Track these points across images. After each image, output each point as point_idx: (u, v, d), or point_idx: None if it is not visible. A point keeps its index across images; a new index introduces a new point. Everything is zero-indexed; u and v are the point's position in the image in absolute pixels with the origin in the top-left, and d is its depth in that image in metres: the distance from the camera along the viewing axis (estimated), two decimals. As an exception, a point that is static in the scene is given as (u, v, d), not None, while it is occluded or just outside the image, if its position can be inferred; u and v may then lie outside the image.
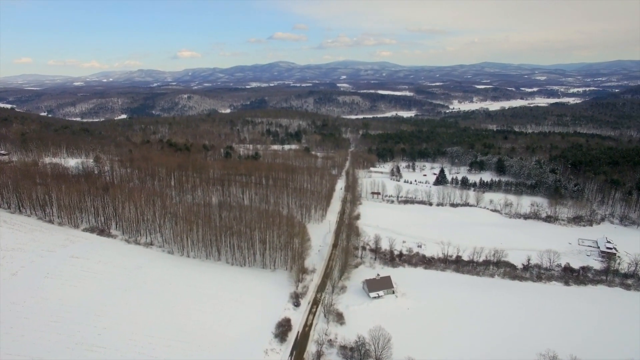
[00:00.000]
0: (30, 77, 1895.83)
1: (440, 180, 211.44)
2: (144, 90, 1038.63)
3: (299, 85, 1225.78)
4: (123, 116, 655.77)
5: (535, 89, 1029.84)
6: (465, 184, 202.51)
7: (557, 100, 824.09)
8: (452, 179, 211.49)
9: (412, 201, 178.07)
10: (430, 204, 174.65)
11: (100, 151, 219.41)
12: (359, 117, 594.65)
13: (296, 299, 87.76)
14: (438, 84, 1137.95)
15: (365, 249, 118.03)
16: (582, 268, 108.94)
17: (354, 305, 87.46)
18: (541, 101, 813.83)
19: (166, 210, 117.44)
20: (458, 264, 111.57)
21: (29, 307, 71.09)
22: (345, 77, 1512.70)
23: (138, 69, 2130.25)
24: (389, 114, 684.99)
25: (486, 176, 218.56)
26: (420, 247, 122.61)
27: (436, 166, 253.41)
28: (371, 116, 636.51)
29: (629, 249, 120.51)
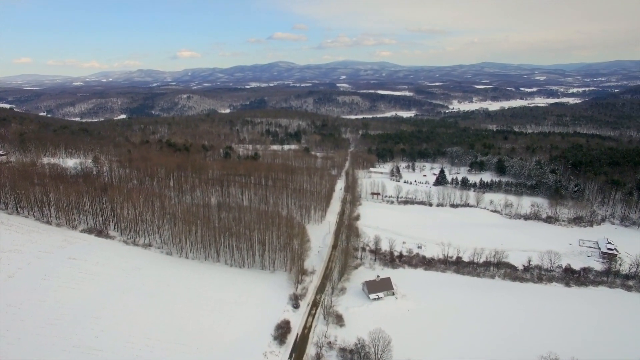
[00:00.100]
0: (30, 77, 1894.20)
1: (440, 180, 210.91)
2: (144, 90, 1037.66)
3: (298, 85, 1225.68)
4: (122, 116, 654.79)
5: (534, 89, 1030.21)
6: (465, 184, 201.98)
7: (557, 100, 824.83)
8: (452, 179, 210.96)
9: (412, 202, 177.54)
10: (430, 205, 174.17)
11: (99, 151, 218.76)
12: (359, 117, 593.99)
13: (295, 301, 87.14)
14: (438, 84, 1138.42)
15: (365, 250, 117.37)
16: (583, 269, 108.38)
17: (354, 307, 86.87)
18: (541, 101, 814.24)
19: (165, 211, 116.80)
20: (458, 265, 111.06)
21: (26, 310, 70.34)
22: (344, 77, 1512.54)
23: (137, 69, 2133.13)
24: (388, 114, 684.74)
25: (486, 176, 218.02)
26: (420, 248, 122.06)
27: (436, 166, 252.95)
28: (371, 116, 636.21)
29: (630, 250, 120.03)
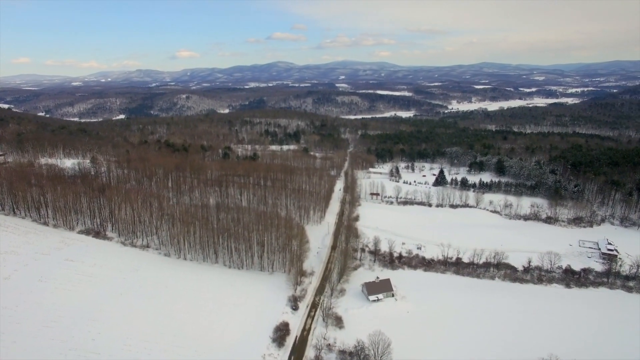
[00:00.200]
0: (28, 77, 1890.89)
1: (440, 181, 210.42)
2: (142, 91, 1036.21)
3: (297, 85, 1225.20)
4: (121, 116, 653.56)
5: (533, 89, 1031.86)
6: (464, 184, 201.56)
7: (556, 100, 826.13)
8: (452, 179, 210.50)
9: (412, 202, 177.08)
10: (430, 205, 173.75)
11: (97, 152, 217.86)
12: (358, 118, 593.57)
13: (294, 303, 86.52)
14: (437, 84, 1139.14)
15: (364, 251, 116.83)
16: (583, 270, 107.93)
17: (353, 309, 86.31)
18: (540, 101, 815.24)
19: (163, 212, 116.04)
20: (458, 266, 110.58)
21: (22, 312, 69.56)
22: (344, 77, 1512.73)
23: (136, 69, 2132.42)
24: (387, 114, 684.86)
25: (486, 177, 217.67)
26: (420, 249, 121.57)
27: (435, 167, 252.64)
28: (370, 116, 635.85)
29: (630, 251, 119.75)
